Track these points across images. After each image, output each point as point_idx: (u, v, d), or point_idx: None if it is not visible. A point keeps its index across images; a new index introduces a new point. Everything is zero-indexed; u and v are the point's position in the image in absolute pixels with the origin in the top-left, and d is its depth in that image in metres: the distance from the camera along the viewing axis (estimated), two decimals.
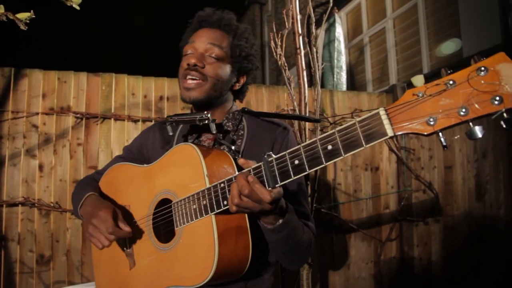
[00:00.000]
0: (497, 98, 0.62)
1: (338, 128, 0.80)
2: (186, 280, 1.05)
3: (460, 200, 3.71)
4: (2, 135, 2.62)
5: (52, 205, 2.64)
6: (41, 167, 2.67)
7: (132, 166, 1.34)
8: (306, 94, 2.43)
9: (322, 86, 5.06)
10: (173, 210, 1.13)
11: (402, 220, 3.45)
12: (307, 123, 2.45)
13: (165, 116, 2.94)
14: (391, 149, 3.49)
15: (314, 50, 2.51)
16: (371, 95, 3.61)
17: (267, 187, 0.91)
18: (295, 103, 2.52)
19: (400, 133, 0.73)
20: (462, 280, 3.56)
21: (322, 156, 0.81)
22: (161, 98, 2.97)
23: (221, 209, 0.99)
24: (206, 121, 1.16)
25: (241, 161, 0.96)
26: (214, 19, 1.26)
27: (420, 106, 0.70)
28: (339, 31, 5.11)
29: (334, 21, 5.10)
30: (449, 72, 0.69)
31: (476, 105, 0.64)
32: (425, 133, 0.70)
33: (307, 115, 2.45)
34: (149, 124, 2.90)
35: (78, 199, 1.30)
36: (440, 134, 0.70)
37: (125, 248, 1.28)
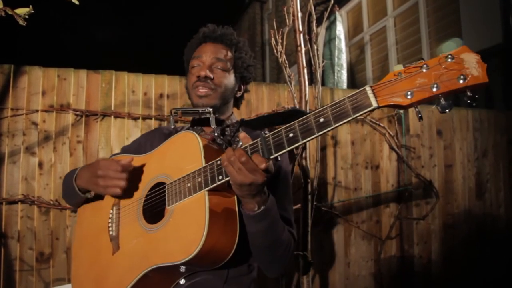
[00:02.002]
0: (462, 76, 0.77)
1: (330, 103, 0.90)
2: (172, 255, 1.05)
3: (460, 199, 3.71)
4: (2, 132, 2.62)
5: (51, 202, 2.64)
6: (40, 165, 2.66)
7: (128, 156, 1.36)
8: (307, 92, 2.42)
9: (323, 84, 5.06)
10: (166, 191, 1.16)
11: (402, 218, 3.45)
12: None
13: (165, 114, 2.94)
14: (391, 148, 3.48)
15: (315, 48, 2.50)
16: None
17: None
18: (295, 101, 2.51)
19: (383, 105, 0.85)
20: (462, 278, 3.56)
21: (314, 127, 0.90)
22: (161, 95, 2.96)
23: (215, 184, 1.03)
24: (208, 115, 1.27)
25: (242, 134, 1.01)
26: (217, 34, 1.39)
27: (399, 84, 0.84)
28: (340, 29, 5.10)
29: (335, 19, 5.09)
30: (423, 59, 0.85)
31: (446, 82, 0.79)
32: (404, 105, 0.83)
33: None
34: (149, 121, 2.89)
35: (70, 178, 1.34)
36: (417, 108, 0.84)
37: (110, 232, 1.28)
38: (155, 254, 1.10)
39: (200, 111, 1.28)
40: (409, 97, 0.82)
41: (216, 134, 1.29)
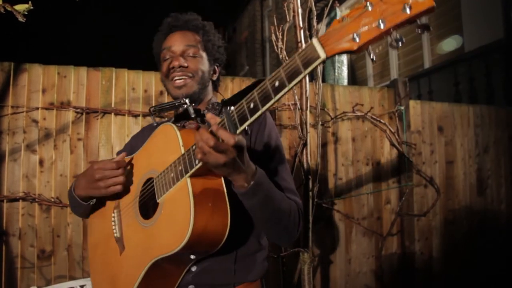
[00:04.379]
0: (406, 6, 0.73)
1: (283, 64, 0.88)
2: (167, 246, 1.06)
3: (461, 195, 3.71)
4: (2, 130, 2.61)
5: (52, 200, 2.64)
6: (41, 162, 2.66)
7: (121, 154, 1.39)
8: (307, 89, 2.42)
9: (324, 80, 5.05)
10: (154, 185, 1.17)
11: (403, 215, 3.45)
12: (308, 118, 2.44)
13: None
14: (392, 144, 3.48)
15: None
16: (373, 90, 3.60)
17: None
18: (296, 97, 2.51)
19: (332, 54, 0.82)
20: (463, 274, 3.57)
21: (271, 92, 0.89)
22: (161, 93, 2.96)
23: (194, 169, 1.03)
24: (185, 106, 1.26)
25: (208, 115, 1.00)
26: (182, 22, 1.39)
27: (345, 29, 0.80)
28: None
29: (336, 15, 5.08)
30: None
31: (391, 16, 0.75)
32: (354, 49, 0.79)
33: (308, 109, 2.43)
34: (149, 118, 2.89)
35: (70, 191, 1.37)
36: (369, 49, 0.80)
37: (115, 234, 1.31)
38: (154, 247, 1.11)
39: (176, 103, 1.28)
40: (356, 40, 0.78)
41: (198, 122, 1.30)
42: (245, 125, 0.94)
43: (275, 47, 2.56)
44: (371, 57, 0.81)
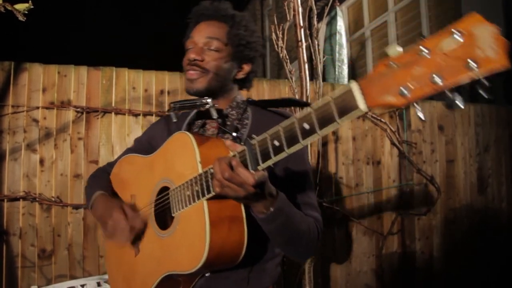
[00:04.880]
0: (471, 61, 0.59)
1: (314, 106, 0.79)
2: (181, 265, 1.07)
3: (462, 194, 3.71)
4: (3, 129, 2.61)
5: (53, 199, 2.64)
6: (42, 162, 2.66)
7: (138, 157, 1.38)
8: (308, 88, 2.41)
9: (324, 79, 5.04)
10: (170, 198, 1.16)
11: (403, 214, 3.44)
12: None
13: (166, 110, 2.93)
14: (392, 143, 3.47)
15: (316, 43, 2.49)
16: None
17: (250, 169, 0.92)
18: (296, 96, 2.51)
19: (373, 106, 0.70)
20: (464, 274, 3.56)
21: (299, 135, 0.82)
22: (162, 92, 2.95)
23: (211, 194, 1.00)
24: (207, 106, 1.19)
25: (228, 142, 0.98)
26: (210, 11, 1.28)
27: (392, 78, 0.67)
28: (341, 25, 5.08)
29: (336, 14, 5.07)
30: (422, 38, 0.66)
31: (451, 71, 0.61)
32: (399, 105, 0.68)
33: None
34: (150, 118, 2.89)
35: (89, 197, 1.36)
36: (416, 105, 0.67)
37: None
38: (168, 261, 1.13)
39: (197, 103, 1.21)
40: (406, 94, 0.65)
41: (220, 123, 1.25)
42: (267, 164, 0.90)
43: (276, 46, 2.56)
44: (419, 115, 0.68)
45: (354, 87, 0.72)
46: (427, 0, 5.66)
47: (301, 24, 2.43)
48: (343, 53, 5.05)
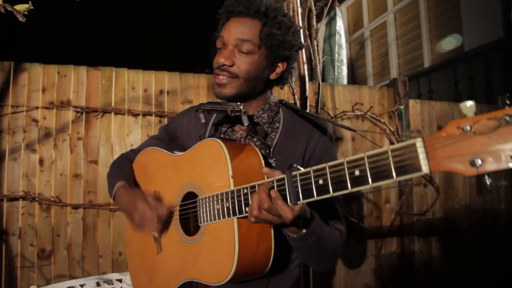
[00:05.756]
0: None
1: (368, 153, 0.73)
2: (206, 276, 1.07)
3: (461, 194, 3.71)
4: (2, 129, 2.62)
5: (52, 199, 2.64)
6: (41, 162, 2.67)
7: (163, 153, 1.33)
8: (307, 88, 2.42)
9: (323, 80, 5.04)
10: (198, 206, 1.13)
11: (402, 214, 3.45)
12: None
13: (166, 110, 2.94)
14: (392, 143, 3.48)
15: (315, 43, 2.49)
16: (372, 89, 3.60)
17: (288, 202, 0.88)
18: (296, 96, 2.51)
19: (437, 170, 0.64)
20: (462, 274, 3.57)
21: (347, 180, 0.77)
22: (161, 92, 2.96)
23: (242, 215, 0.98)
24: (238, 113, 1.11)
25: (265, 170, 0.93)
26: (242, 6, 1.16)
27: (465, 143, 0.60)
28: (340, 25, 5.08)
29: (335, 14, 5.07)
30: (508, 103, 0.58)
31: None
32: (467, 175, 0.61)
33: (308, 109, 2.43)
34: (149, 118, 2.89)
35: (111, 186, 1.32)
36: (486, 176, 0.60)
37: (153, 233, 1.29)
38: (192, 268, 1.13)
39: (230, 109, 1.12)
40: (477, 165, 0.58)
41: (249, 130, 1.17)
42: (307, 201, 0.85)
43: None
44: (488, 189, 0.60)
45: (419, 144, 0.65)
46: (427, 1, 5.67)
47: (300, 24, 2.43)
48: (343, 54, 5.05)
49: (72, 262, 2.66)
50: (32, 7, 1.40)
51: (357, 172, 0.75)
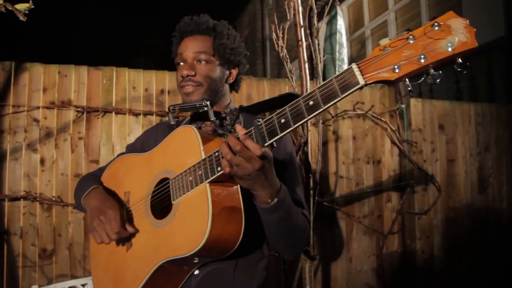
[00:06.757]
0: (449, 44, 0.76)
1: (318, 86, 0.89)
2: (180, 249, 1.07)
3: (463, 193, 3.71)
4: (3, 129, 2.62)
5: (54, 199, 2.64)
6: (42, 161, 2.67)
7: (133, 155, 1.39)
8: (308, 87, 2.42)
9: (324, 79, 5.03)
10: (170, 186, 1.17)
11: (404, 213, 3.44)
12: None
13: (167, 110, 2.93)
14: (393, 142, 3.48)
15: (316, 42, 2.49)
16: (373, 88, 3.59)
17: None
18: None
19: (370, 82, 0.83)
20: (464, 273, 3.56)
21: (304, 111, 0.90)
22: (162, 91, 2.96)
23: (215, 175, 1.03)
24: (205, 108, 1.26)
25: (238, 127, 1.01)
26: (193, 26, 1.35)
27: (386, 58, 0.82)
28: (341, 24, 5.07)
29: (336, 13, 5.06)
30: (408, 30, 0.82)
31: (433, 52, 0.77)
32: (392, 79, 0.81)
33: None
34: (150, 117, 2.89)
35: (82, 191, 1.37)
36: (407, 81, 0.83)
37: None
38: (165, 248, 1.12)
39: (197, 105, 1.28)
40: (396, 70, 0.80)
41: (215, 125, 1.30)
42: (274, 139, 0.95)
43: (276, 46, 2.56)
44: (409, 89, 0.84)
45: (354, 66, 0.85)
46: (427, 0, 5.65)
47: (301, 23, 2.43)
48: (343, 53, 5.04)
49: (74, 262, 2.66)
50: (32, 7, 1.40)
51: (311, 102, 0.89)
